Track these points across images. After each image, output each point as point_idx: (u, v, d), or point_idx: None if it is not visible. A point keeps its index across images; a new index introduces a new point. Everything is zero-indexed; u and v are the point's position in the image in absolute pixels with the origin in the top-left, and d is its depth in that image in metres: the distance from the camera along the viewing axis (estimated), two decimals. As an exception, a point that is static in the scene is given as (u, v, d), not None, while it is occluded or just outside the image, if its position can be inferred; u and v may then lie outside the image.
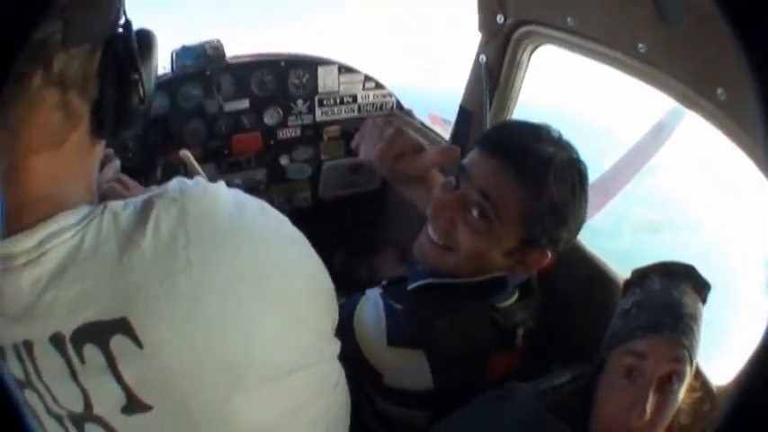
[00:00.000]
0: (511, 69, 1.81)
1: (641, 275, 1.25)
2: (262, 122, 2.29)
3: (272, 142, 2.32)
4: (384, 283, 1.44)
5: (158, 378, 0.86)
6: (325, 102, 2.34)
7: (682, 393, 1.14)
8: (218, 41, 2.18)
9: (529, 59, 1.78)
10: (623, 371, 1.15)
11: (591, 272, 1.52)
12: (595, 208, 4.15)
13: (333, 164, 2.46)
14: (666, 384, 1.11)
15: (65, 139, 0.90)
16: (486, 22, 1.77)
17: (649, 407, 1.10)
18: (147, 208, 0.87)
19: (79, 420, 0.92)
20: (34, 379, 0.91)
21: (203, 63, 2.16)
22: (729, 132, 1.16)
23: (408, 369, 1.28)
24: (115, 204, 0.90)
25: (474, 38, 1.88)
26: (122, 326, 0.83)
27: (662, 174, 4.83)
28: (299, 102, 2.32)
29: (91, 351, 0.86)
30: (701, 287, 1.22)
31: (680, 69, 1.22)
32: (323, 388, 1.04)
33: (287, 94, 2.29)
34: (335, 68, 2.31)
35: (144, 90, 0.96)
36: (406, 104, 2.44)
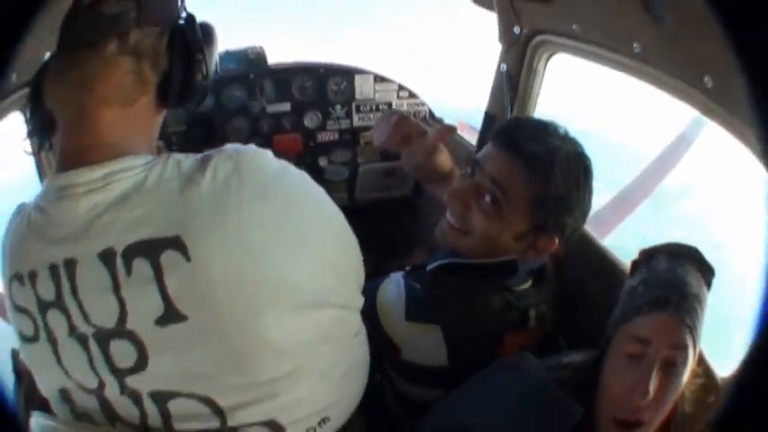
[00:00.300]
0: (529, 76, 1.97)
1: (648, 255, 1.31)
2: (302, 125, 2.47)
3: (311, 144, 2.49)
4: (407, 268, 1.56)
5: (200, 289, 0.94)
6: (361, 108, 2.50)
7: (686, 375, 1.16)
8: (261, 48, 2.37)
9: (545, 67, 1.93)
10: (627, 352, 1.18)
11: (602, 262, 1.63)
12: (621, 216, 4.20)
13: (368, 167, 2.61)
14: (670, 366, 1.15)
15: (135, 100, 1.04)
16: (505, 33, 1.94)
17: (652, 386, 1.13)
18: (206, 159, 1.00)
19: (106, 337, 0.99)
20: (67, 297, 0.98)
21: (246, 67, 2.33)
22: (718, 117, 1.26)
23: (424, 343, 1.39)
24: (177, 155, 1.03)
25: (469, 40, 2.03)
26: (175, 242, 0.93)
27: (695, 196, 4.84)
28: (338, 107, 2.48)
29: (140, 264, 0.94)
30: (706, 272, 1.25)
31: (670, 63, 1.34)
32: (344, 330, 1.14)
33: (326, 100, 2.46)
34: (371, 78, 2.48)
35: (207, 69, 1.11)
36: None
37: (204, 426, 1.02)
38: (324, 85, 2.45)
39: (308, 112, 2.47)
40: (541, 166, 1.36)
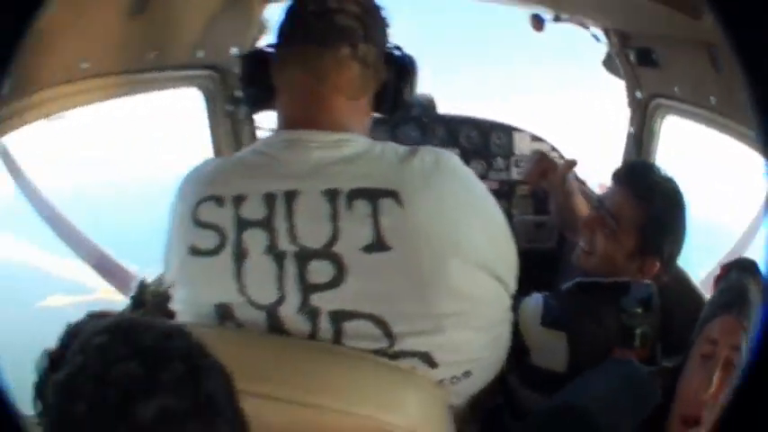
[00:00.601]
0: (649, 137, 2.31)
1: (726, 269, 1.51)
2: None
3: None
4: (546, 293, 1.80)
5: (407, 230, 1.14)
6: (519, 163, 2.78)
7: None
8: (431, 95, 2.75)
9: (660, 128, 2.27)
10: (701, 353, 1.35)
11: (700, 306, 1.81)
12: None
13: (522, 218, 2.81)
14: (729, 366, 1.29)
15: (358, 98, 1.27)
16: (630, 99, 2.33)
17: (715, 383, 1.28)
18: (415, 149, 1.22)
19: (309, 256, 1.15)
20: (278, 219, 1.15)
21: (419, 111, 2.69)
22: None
23: (551, 348, 1.65)
24: (392, 143, 1.25)
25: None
26: (392, 194, 1.14)
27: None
28: (499, 159, 2.78)
29: (360, 203, 1.14)
30: (765, 285, 1.37)
31: (728, 106, 1.62)
32: (500, 301, 1.33)
33: (489, 151, 2.77)
34: (528, 136, 2.81)
35: (412, 90, 1.36)
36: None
37: (371, 346, 1.17)
38: (487, 138, 2.78)
39: (473, 160, 2.75)
40: (645, 197, 1.71)
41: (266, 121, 1.45)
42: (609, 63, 2.36)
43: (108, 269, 3.12)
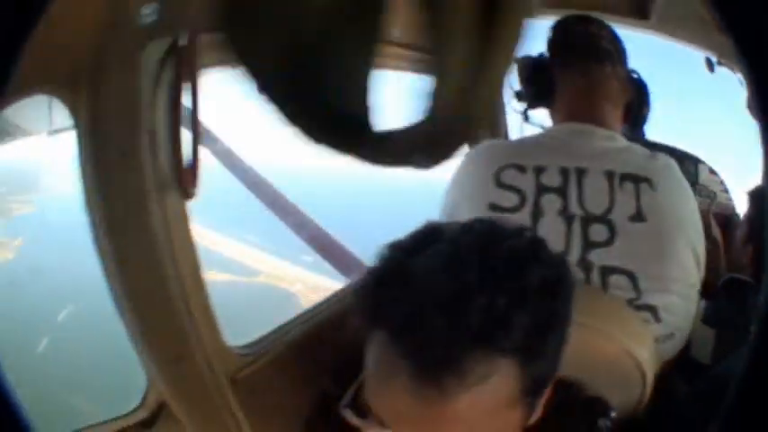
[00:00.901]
0: None
1: None
2: None
3: None
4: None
5: (658, 208, 1.39)
6: (701, 193, 2.63)
7: None
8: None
9: None
10: None
11: None
12: None
13: None
14: None
15: (617, 106, 1.54)
16: (763, 141, 2.00)
17: None
18: (654, 153, 1.49)
19: (590, 221, 1.36)
20: (571, 186, 1.39)
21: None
22: None
23: (704, 344, 1.77)
24: (637, 144, 1.50)
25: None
26: (648, 180, 1.40)
27: None
28: None
29: (627, 184, 1.40)
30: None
31: None
32: (698, 282, 1.50)
33: None
34: (707, 168, 2.65)
35: (649, 107, 1.64)
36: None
37: (625, 296, 1.37)
38: (680, 165, 2.62)
39: None
40: (752, 197, 1.81)
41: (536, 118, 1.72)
42: (750, 106, 2.14)
43: (327, 248, 2.97)
